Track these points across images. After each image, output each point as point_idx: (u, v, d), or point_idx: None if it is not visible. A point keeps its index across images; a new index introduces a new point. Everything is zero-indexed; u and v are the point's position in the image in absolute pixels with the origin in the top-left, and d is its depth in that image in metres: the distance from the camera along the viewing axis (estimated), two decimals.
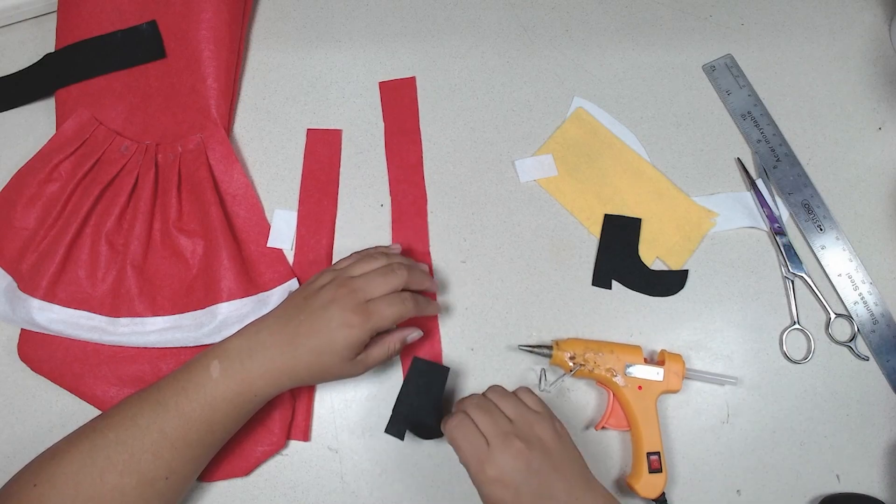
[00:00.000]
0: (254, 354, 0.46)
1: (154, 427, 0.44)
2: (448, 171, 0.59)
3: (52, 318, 0.52)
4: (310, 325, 0.46)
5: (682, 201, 0.58)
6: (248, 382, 0.45)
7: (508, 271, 0.57)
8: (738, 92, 0.61)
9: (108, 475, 0.42)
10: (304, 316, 0.46)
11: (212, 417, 0.45)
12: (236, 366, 0.45)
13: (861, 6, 0.64)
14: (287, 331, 0.46)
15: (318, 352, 0.45)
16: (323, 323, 0.45)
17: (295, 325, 0.46)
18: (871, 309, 0.56)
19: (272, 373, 0.45)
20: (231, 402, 0.45)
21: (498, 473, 0.42)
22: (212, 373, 0.45)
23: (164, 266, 0.54)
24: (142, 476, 0.43)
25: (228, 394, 0.45)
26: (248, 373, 0.45)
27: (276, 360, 0.45)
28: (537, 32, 0.63)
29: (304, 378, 0.46)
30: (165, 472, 0.44)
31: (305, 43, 0.62)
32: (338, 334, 0.45)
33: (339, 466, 0.53)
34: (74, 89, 0.57)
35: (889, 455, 0.53)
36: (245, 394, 0.45)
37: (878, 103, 0.61)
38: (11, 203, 0.54)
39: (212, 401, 0.45)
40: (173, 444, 0.44)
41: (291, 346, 0.45)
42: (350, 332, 0.45)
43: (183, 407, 0.44)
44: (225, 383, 0.45)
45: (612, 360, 0.52)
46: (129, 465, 0.43)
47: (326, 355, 0.45)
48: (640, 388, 0.51)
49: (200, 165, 0.56)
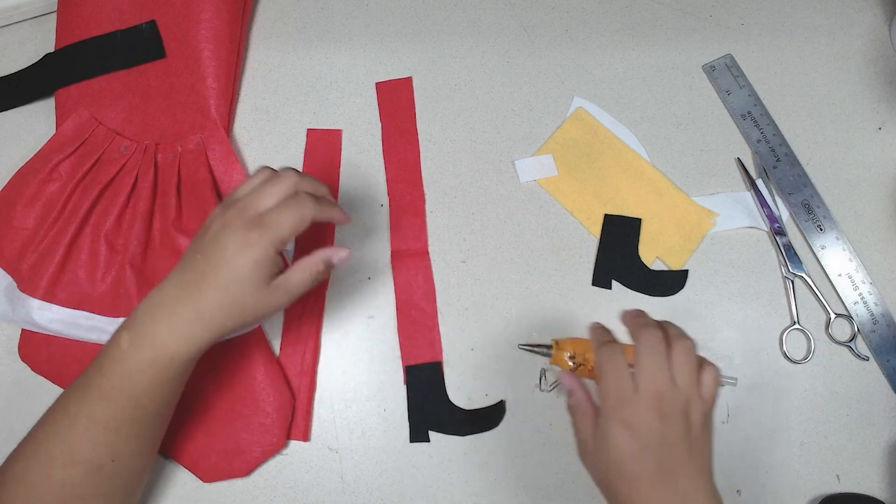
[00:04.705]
0: (157, 314, 0.42)
1: (82, 413, 0.42)
2: (448, 171, 0.59)
3: (52, 318, 0.52)
4: (206, 261, 0.41)
5: (682, 201, 0.58)
6: (159, 345, 0.41)
7: (508, 271, 0.57)
8: (738, 92, 0.61)
9: (52, 470, 0.41)
10: (200, 255, 0.42)
11: (133, 392, 0.42)
12: (142, 330, 0.42)
13: (861, 6, 0.64)
14: (187, 277, 0.42)
15: (224, 287, 0.41)
16: (219, 253, 0.41)
17: (192, 268, 0.42)
18: (871, 309, 0.56)
19: (180, 327, 0.41)
20: (146, 371, 0.42)
21: (633, 420, 0.39)
22: (121, 344, 0.42)
23: (163, 266, 0.54)
24: (87, 464, 0.41)
25: (142, 363, 0.41)
26: (155, 335, 0.41)
27: (181, 313, 0.41)
28: (537, 32, 0.63)
29: (222, 322, 0.42)
30: (109, 456, 0.42)
31: (305, 43, 0.62)
32: (238, 259, 0.40)
33: (339, 466, 0.53)
34: (74, 89, 0.57)
35: (889, 455, 0.53)
36: (160, 359, 0.41)
37: (878, 103, 0.61)
38: (11, 203, 0.54)
39: (127, 373, 0.41)
40: (106, 427, 0.41)
41: (195, 291, 0.41)
42: (250, 252, 0.40)
43: (103, 386, 0.42)
44: (135, 353, 0.41)
45: None
46: (69, 456, 0.41)
47: (235, 287, 0.41)
48: None
49: (200, 165, 0.56)
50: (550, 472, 0.53)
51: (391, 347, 0.55)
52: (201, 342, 0.42)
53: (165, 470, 0.52)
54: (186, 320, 0.41)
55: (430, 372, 0.54)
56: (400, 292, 0.56)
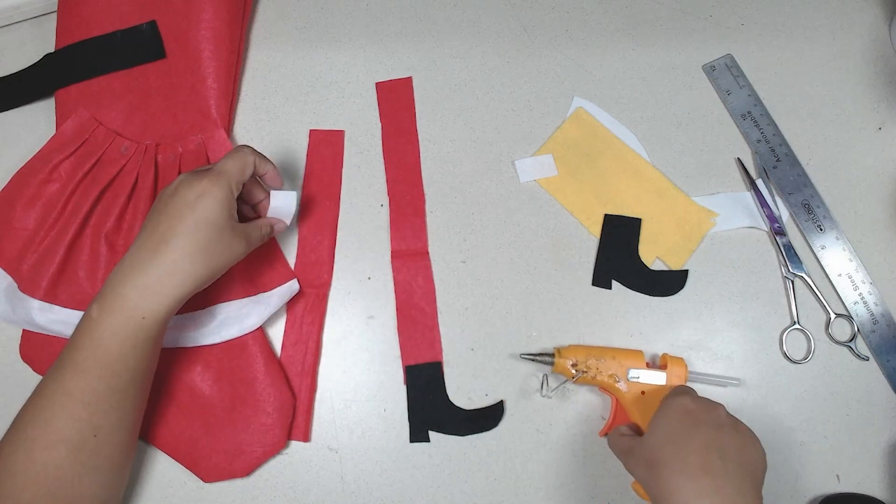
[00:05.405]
0: (125, 279, 0.43)
1: (59, 391, 0.42)
2: (448, 171, 0.59)
3: (53, 318, 0.52)
4: (169, 217, 0.43)
5: (682, 201, 0.58)
6: (129, 306, 0.42)
7: (508, 271, 0.57)
8: (738, 92, 0.61)
9: (35, 453, 0.41)
10: (162, 215, 0.44)
11: (107, 360, 0.42)
12: (111, 298, 0.42)
13: (861, 6, 0.64)
14: (152, 238, 0.43)
15: (192, 230, 0.43)
16: (181, 204, 0.43)
17: (154, 228, 0.44)
18: (871, 309, 0.56)
19: (149, 284, 0.42)
20: (119, 335, 0.42)
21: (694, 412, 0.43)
22: (91, 314, 0.43)
23: None
24: (69, 443, 0.41)
25: (113, 328, 0.42)
26: (124, 297, 0.42)
27: (149, 272, 0.42)
28: (537, 32, 0.63)
29: (190, 272, 0.43)
30: (91, 431, 0.42)
31: (305, 43, 0.62)
32: (201, 202, 0.43)
33: (339, 466, 0.53)
34: (74, 89, 0.57)
35: (889, 455, 0.53)
36: (131, 320, 0.42)
37: (878, 103, 0.61)
38: (11, 203, 0.54)
39: (99, 342, 0.42)
40: (83, 401, 0.42)
41: (162, 246, 0.43)
42: (209, 196, 0.43)
43: (77, 359, 0.42)
44: (106, 319, 0.42)
45: (615, 366, 0.51)
46: (49, 437, 0.41)
47: (203, 227, 0.43)
48: (644, 392, 0.51)
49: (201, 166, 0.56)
50: (550, 472, 0.53)
51: (391, 347, 0.55)
52: (172, 299, 0.43)
53: (166, 470, 0.52)
54: (155, 277, 0.42)
55: (430, 372, 0.54)
56: (400, 292, 0.56)
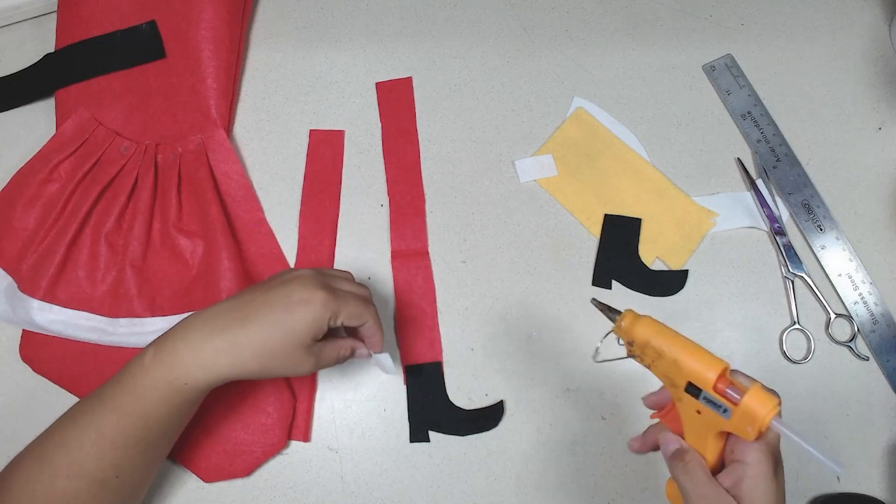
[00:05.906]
0: (189, 336, 0.41)
1: (92, 426, 0.41)
2: (448, 171, 0.59)
3: (52, 318, 0.52)
4: (264, 299, 0.41)
5: (682, 201, 0.58)
6: (179, 367, 0.41)
7: (508, 271, 0.57)
8: (738, 92, 0.61)
9: (57, 480, 0.41)
10: (260, 293, 0.42)
11: (144, 410, 0.41)
12: (168, 349, 0.41)
13: (861, 6, 0.64)
14: (236, 311, 0.42)
15: (270, 327, 0.41)
16: (281, 296, 0.41)
17: (246, 302, 0.42)
18: (871, 309, 0.56)
19: (206, 354, 0.41)
20: (159, 390, 0.41)
21: None
22: (144, 360, 0.41)
23: (163, 267, 0.54)
24: (91, 478, 0.41)
25: (157, 381, 0.41)
26: (179, 357, 0.41)
27: (215, 342, 0.41)
28: (537, 32, 0.63)
29: (248, 363, 0.41)
30: (114, 472, 0.41)
31: (305, 43, 0.62)
32: (298, 309, 0.41)
33: (339, 466, 0.53)
34: (74, 89, 0.57)
35: (889, 455, 0.53)
36: (174, 381, 0.41)
37: (878, 103, 0.61)
38: (11, 203, 0.54)
39: (141, 390, 0.41)
40: (113, 443, 0.41)
41: (239, 325, 0.41)
42: (310, 309, 0.41)
43: (118, 400, 0.41)
44: (154, 370, 0.41)
45: (674, 371, 0.39)
46: (74, 468, 0.41)
47: (279, 333, 0.41)
48: (699, 412, 0.39)
49: (200, 166, 0.56)
50: (550, 472, 0.53)
51: (391, 347, 0.55)
52: (219, 375, 0.41)
53: (166, 470, 0.52)
54: (214, 349, 0.41)
55: (430, 372, 0.54)
56: (400, 292, 0.56)
